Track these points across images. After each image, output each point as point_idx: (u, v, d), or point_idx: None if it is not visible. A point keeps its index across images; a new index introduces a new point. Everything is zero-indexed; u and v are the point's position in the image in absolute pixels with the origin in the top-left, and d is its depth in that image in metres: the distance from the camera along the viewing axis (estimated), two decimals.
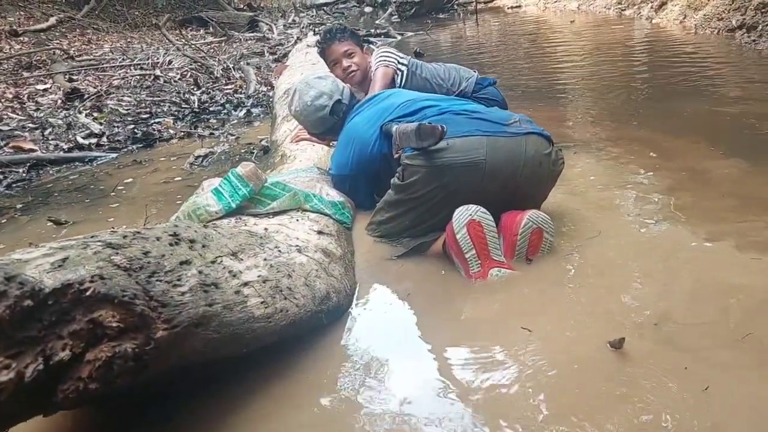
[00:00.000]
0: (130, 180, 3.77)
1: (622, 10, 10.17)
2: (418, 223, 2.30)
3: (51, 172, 4.10)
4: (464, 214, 2.07)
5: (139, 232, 1.41)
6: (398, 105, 2.51)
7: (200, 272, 1.43)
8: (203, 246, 1.57)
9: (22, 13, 9.79)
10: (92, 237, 1.28)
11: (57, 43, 8.75)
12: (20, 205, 3.44)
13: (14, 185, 3.86)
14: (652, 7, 9.15)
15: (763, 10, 6.29)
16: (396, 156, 2.31)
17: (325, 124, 2.76)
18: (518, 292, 1.98)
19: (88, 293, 1.06)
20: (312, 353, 1.75)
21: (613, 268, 2.07)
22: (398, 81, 3.33)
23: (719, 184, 2.75)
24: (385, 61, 3.33)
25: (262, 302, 1.57)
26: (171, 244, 1.45)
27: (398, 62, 3.35)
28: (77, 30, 10.03)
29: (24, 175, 4.02)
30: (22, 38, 8.54)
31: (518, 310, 1.89)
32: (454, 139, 2.15)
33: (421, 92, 2.80)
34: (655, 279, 1.98)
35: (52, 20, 9.77)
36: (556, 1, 13.40)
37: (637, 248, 2.20)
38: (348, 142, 2.60)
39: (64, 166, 4.21)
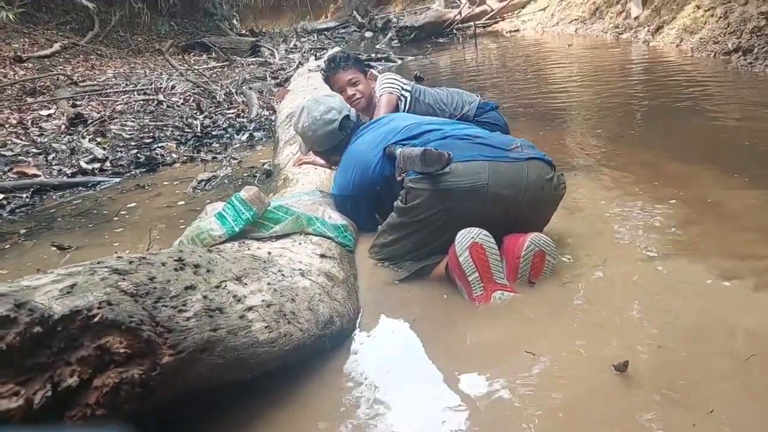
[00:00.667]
0: (134, 204, 3.80)
1: (620, 33, 10.28)
2: (421, 246, 2.31)
3: (54, 197, 4.13)
4: (466, 237, 2.08)
5: (144, 258, 1.42)
6: (402, 128, 2.54)
7: (205, 297, 1.44)
8: (208, 271, 1.58)
9: (26, 39, 9.89)
10: (99, 263, 1.30)
11: (61, 69, 8.84)
12: (24, 231, 3.46)
13: (18, 210, 3.88)
14: (648, 31, 9.24)
15: (758, 34, 6.36)
16: (399, 179, 2.33)
17: (333, 139, 2.76)
18: (522, 315, 1.99)
19: (96, 319, 1.07)
20: (316, 378, 1.75)
21: (616, 294, 2.07)
22: (402, 107, 3.37)
23: (732, 214, 2.67)
24: (389, 87, 3.37)
25: (266, 327, 1.58)
26: (176, 269, 1.46)
27: (402, 89, 3.39)
28: (81, 56, 10.13)
29: (27, 200, 4.04)
30: (26, 64, 8.62)
31: (522, 333, 1.90)
32: (456, 163, 2.17)
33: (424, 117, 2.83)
34: (659, 310, 1.96)
35: (57, 46, 9.87)
36: (553, 25, 13.54)
37: (643, 278, 2.17)
38: (350, 163, 2.62)
39: (68, 191, 4.24)
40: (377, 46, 14.20)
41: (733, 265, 2.18)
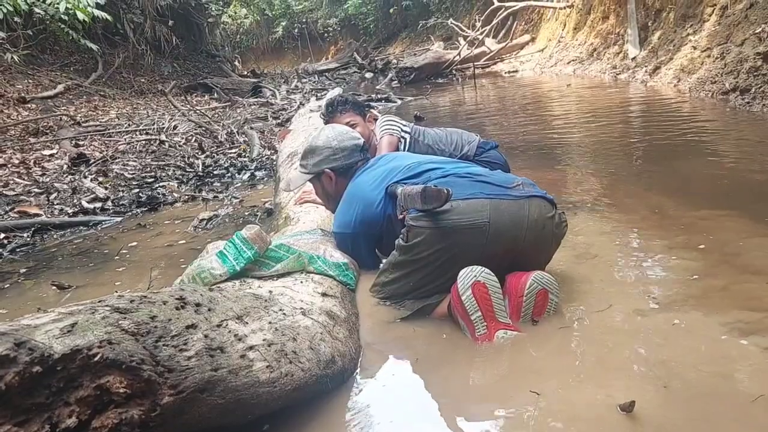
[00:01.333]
0: (135, 244, 3.79)
1: (617, 74, 10.42)
2: (423, 285, 2.30)
3: (55, 236, 4.13)
4: (469, 275, 2.07)
5: (145, 296, 1.41)
6: (403, 167, 2.55)
7: (206, 336, 1.43)
8: (209, 309, 1.57)
9: (30, 80, 10.03)
10: (100, 301, 1.29)
11: (64, 110, 8.93)
12: (24, 270, 3.45)
13: (18, 249, 3.88)
14: (646, 71, 9.37)
15: (755, 74, 6.44)
16: (400, 217, 2.34)
17: (353, 156, 2.75)
18: (525, 354, 1.97)
19: (96, 358, 1.06)
20: (317, 418, 1.72)
21: (621, 337, 2.03)
22: (402, 148, 3.40)
23: (745, 260, 2.60)
24: (389, 129, 3.41)
25: (267, 366, 1.56)
26: (177, 308, 1.45)
27: (401, 130, 3.43)
28: (84, 97, 10.25)
29: (28, 239, 4.05)
30: (30, 105, 8.72)
31: (526, 372, 1.87)
32: (458, 201, 2.17)
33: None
34: (665, 355, 1.95)
35: (60, 87, 10.00)
36: (552, 66, 13.75)
37: (648, 323, 2.12)
38: (352, 200, 2.63)
39: (69, 230, 4.24)
40: (377, 87, 14.40)
41: (746, 316, 2.15)
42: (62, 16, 7.09)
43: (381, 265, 2.47)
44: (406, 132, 3.44)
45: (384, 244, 2.57)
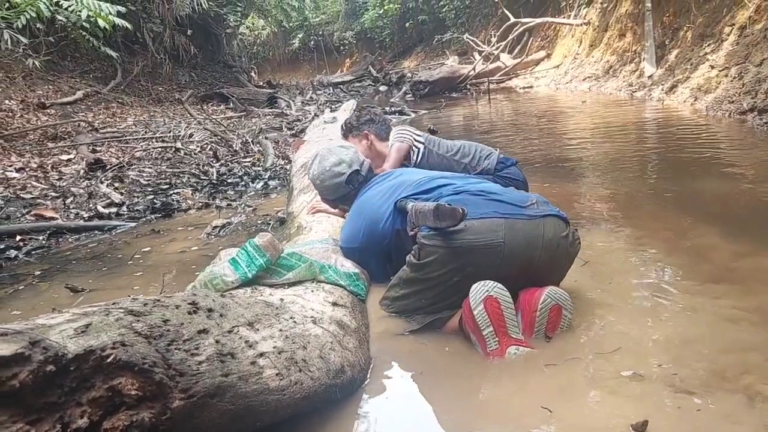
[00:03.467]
0: (148, 249, 3.82)
1: (633, 91, 10.39)
2: (434, 302, 2.28)
3: (70, 240, 4.16)
4: (481, 290, 2.06)
5: (159, 300, 1.42)
6: (413, 182, 2.54)
7: (217, 341, 1.43)
8: (221, 315, 1.58)
9: (50, 86, 10.17)
10: (114, 304, 1.30)
11: (82, 116, 9.05)
12: (39, 272, 3.48)
13: (34, 252, 3.91)
14: (662, 89, 9.33)
15: None
16: (411, 233, 2.32)
17: (339, 191, 2.81)
18: (537, 370, 1.95)
19: (109, 360, 1.06)
20: (324, 429, 1.72)
21: (635, 354, 2.01)
22: (414, 157, 3.40)
23: (743, 274, 2.62)
24: (400, 137, 3.43)
25: (277, 374, 1.56)
26: (189, 313, 1.46)
27: (414, 139, 3.44)
28: (103, 103, 10.37)
29: (44, 242, 4.08)
30: (49, 110, 8.84)
31: (537, 389, 1.85)
32: (472, 221, 2.15)
33: (436, 170, 2.84)
34: (680, 373, 1.93)
35: (79, 94, 10.13)
36: (567, 82, 13.73)
37: (663, 340, 2.11)
38: (359, 215, 2.63)
39: (84, 234, 4.28)
40: (392, 100, 14.46)
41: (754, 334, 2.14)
42: (84, 23, 7.17)
43: (391, 279, 2.45)
44: (419, 142, 3.44)
45: (393, 259, 2.56)
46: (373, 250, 2.59)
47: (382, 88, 18.47)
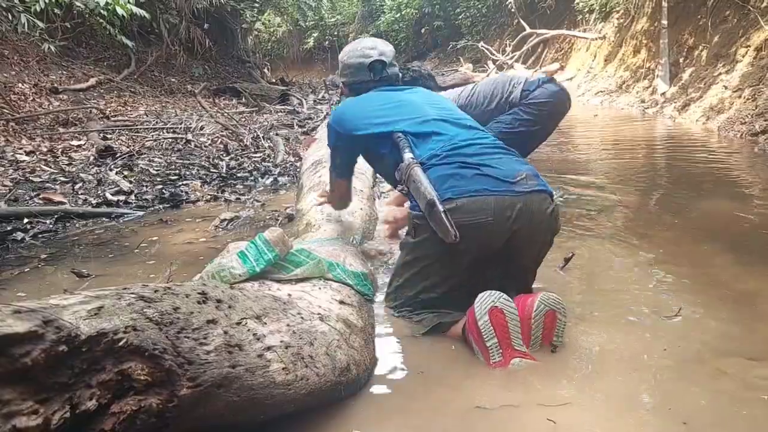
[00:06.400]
0: (155, 238, 3.81)
1: (645, 108, 10.37)
2: (433, 285, 2.34)
3: (77, 225, 4.16)
4: (486, 300, 2.06)
5: (169, 288, 1.42)
6: (414, 118, 2.50)
7: (225, 332, 1.42)
8: (229, 306, 1.57)
9: (64, 72, 10.19)
10: (125, 288, 1.29)
11: (94, 103, 9.07)
12: (44, 255, 3.48)
13: (40, 235, 3.91)
14: (675, 107, 9.31)
15: None
16: (399, 190, 2.43)
17: (358, 74, 2.76)
18: (541, 381, 1.94)
19: (120, 343, 1.06)
20: (326, 428, 1.71)
21: (639, 366, 2.01)
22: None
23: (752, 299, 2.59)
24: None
25: (283, 368, 1.55)
26: (199, 302, 1.45)
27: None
28: (115, 92, 10.40)
29: (51, 226, 4.08)
30: (61, 96, 8.86)
31: (541, 400, 1.84)
32: (462, 199, 2.18)
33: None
34: (687, 390, 1.92)
35: (92, 81, 10.16)
36: (579, 96, 13.70)
37: (668, 356, 2.11)
38: (360, 109, 2.63)
39: (91, 220, 4.27)
40: None
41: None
42: (102, 10, 7.19)
43: (390, 277, 2.54)
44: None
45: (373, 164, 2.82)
46: (350, 145, 2.65)
47: None
